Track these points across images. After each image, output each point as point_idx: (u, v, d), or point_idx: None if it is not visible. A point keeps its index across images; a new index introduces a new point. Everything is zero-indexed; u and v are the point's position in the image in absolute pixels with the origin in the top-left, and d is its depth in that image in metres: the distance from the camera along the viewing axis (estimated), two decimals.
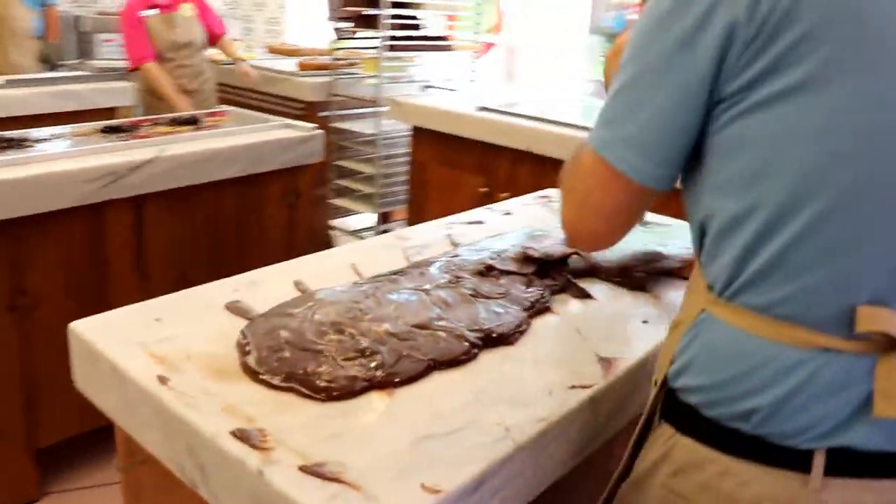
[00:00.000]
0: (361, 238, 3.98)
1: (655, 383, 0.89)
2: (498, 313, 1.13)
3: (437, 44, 3.74)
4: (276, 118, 2.51)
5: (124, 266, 2.05)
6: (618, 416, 1.06)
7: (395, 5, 3.42)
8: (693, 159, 0.81)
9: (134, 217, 2.05)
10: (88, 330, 1.06)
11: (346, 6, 3.58)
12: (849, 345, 0.72)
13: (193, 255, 2.21)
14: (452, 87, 3.90)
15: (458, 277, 1.26)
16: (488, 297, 1.18)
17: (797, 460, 0.75)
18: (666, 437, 0.85)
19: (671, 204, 1.18)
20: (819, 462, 0.74)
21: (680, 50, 0.75)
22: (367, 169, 3.65)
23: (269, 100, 3.76)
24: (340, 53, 3.61)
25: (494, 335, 1.07)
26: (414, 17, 3.59)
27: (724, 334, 0.78)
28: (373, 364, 0.97)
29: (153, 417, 0.93)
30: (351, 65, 3.75)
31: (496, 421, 0.90)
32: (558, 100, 3.50)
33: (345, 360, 0.98)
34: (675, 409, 0.84)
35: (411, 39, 3.59)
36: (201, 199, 2.18)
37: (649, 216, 1.66)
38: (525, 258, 1.34)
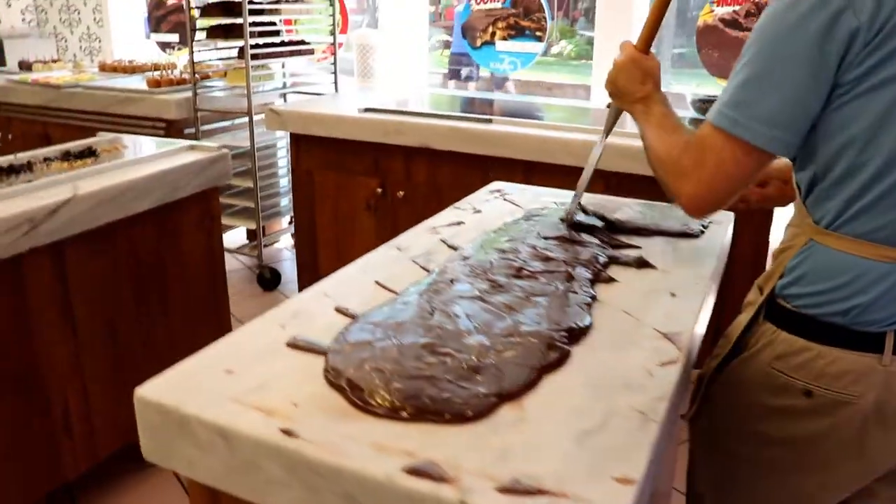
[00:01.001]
0: (245, 255, 3.84)
1: (761, 292, 1.19)
2: (566, 310, 1.17)
3: (297, 48, 3.65)
4: (177, 141, 2.36)
5: (51, 317, 1.87)
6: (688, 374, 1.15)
7: (253, 13, 3.30)
8: (810, 129, 1.05)
9: (55, 263, 1.86)
10: (164, 394, 0.98)
11: (170, 19, 3.40)
12: None
13: (119, 296, 2.05)
14: (317, 91, 3.84)
15: (493, 281, 1.29)
16: (546, 295, 1.22)
17: (874, 343, 1.06)
18: (770, 332, 1.16)
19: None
20: (890, 342, 1.06)
21: (811, 49, 0.97)
22: (242, 183, 3.51)
23: (124, 121, 3.50)
24: (199, 66, 3.43)
25: (576, 331, 1.11)
26: (273, 24, 3.49)
27: (831, 255, 1.07)
28: (491, 379, 0.98)
29: (286, 475, 0.88)
30: (206, 77, 3.57)
31: (628, 406, 0.95)
32: (430, 93, 3.57)
33: (461, 379, 0.98)
34: (776, 312, 1.15)
35: (272, 46, 3.49)
36: (121, 236, 2.02)
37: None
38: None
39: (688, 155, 1.11)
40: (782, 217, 1.34)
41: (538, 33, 4.12)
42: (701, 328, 1.29)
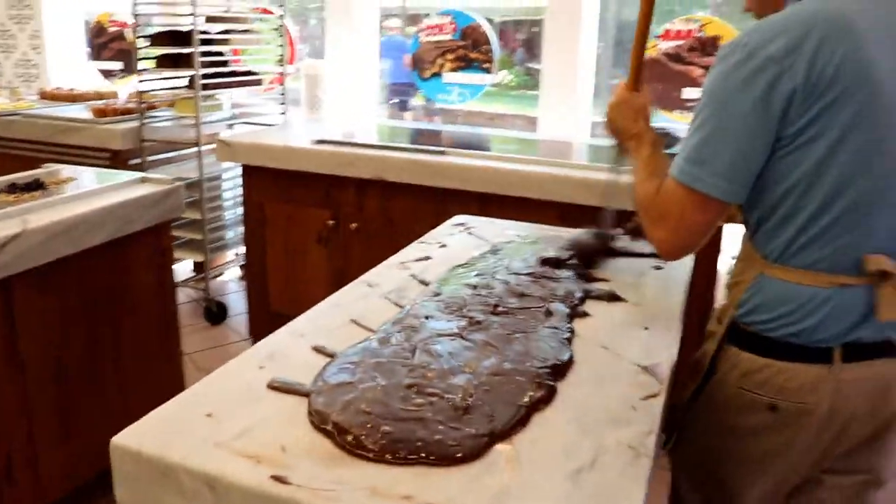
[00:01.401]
0: (191, 288, 3.75)
1: (719, 322, 1.29)
2: (548, 346, 1.18)
3: (246, 79, 3.62)
4: (127, 173, 2.30)
5: None
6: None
7: (203, 42, 3.26)
8: (757, 177, 1.17)
9: (2, 300, 1.78)
10: (145, 441, 0.95)
11: (112, 46, 3.35)
12: (858, 280, 1.15)
13: (68, 333, 1.97)
14: (265, 122, 3.80)
15: (470, 318, 1.29)
16: (525, 332, 1.23)
17: (825, 355, 1.19)
18: (734, 355, 1.26)
19: None
20: (838, 353, 1.18)
21: (757, 109, 1.10)
22: (190, 214, 3.44)
23: (66, 151, 3.39)
24: (145, 96, 3.35)
25: (560, 367, 1.12)
26: (221, 54, 3.45)
27: (779, 286, 1.20)
28: (482, 419, 0.98)
29: None
30: (152, 107, 3.50)
31: (617, 442, 0.96)
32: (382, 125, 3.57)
33: (451, 420, 0.97)
34: (738, 336, 1.26)
35: (222, 76, 3.45)
36: (72, 271, 1.95)
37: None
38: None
39: (657, 205, 1.24)
40: (729, 250, 1.41)
41: (486, 65, 4.18)
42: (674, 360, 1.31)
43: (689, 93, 3.43)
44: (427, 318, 1.30)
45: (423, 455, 0.91)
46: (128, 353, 2.18)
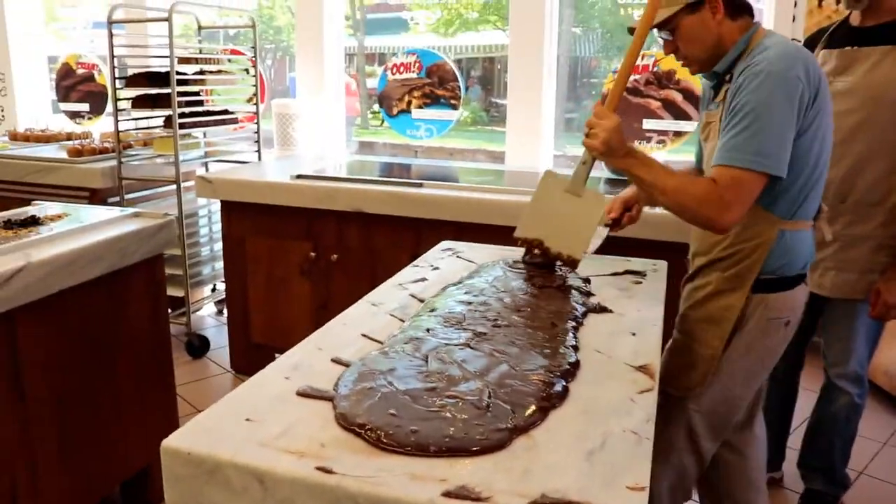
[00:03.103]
0: (174, 322, 3.77)
1: (739, 280, 1.67)
2: (557, 353, 1.30)
3: (222, 118, 3.71)
4: (118, 209, 2.36)
5: (0, 390, 1.82)
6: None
7: (179, 83, 3.35)
8: None
9: (6, 333, 1.83)
10: (193, 443, 1.03)
11: (80, 88, 3.42)
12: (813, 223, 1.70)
13: (69, 365, 2.02)
14: (241, 160, 3.89)
15: (473, 330, 1.40)
16: (531, 342, 1.34)
17: (804, 278, 1.72)
18: (760, 299, 1.68)
19: None
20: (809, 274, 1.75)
21: (792, 112, 1.53)
22: (171, 250, 3.48)
23: (42, 191, 3.43)
24: (122, 135, 3.42)
25: (570, 370, 1.23)
26: (197, 94, 3.54)
27: (791, 235, 1.65)
28: (504, 416, 1.08)
29: None
30: (128, 146, 3.56)
31: (622, 429, 1.08)
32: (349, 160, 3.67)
33: (476, 418, 1.07)
34: (763, 284, 1.67)
35: (198, 115, 3.53)
36: (72, 304, 2.00)
37: None
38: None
39: (729, 191, 1.52)
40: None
41: (453, 101, 4.34)
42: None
43: (648, 124, 3.62)
44: (428, 330, 1.40)
45: (452, 448, 1.01)
46: (125, 382, 2.22)
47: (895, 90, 1.99)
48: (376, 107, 4.61)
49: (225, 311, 3.71)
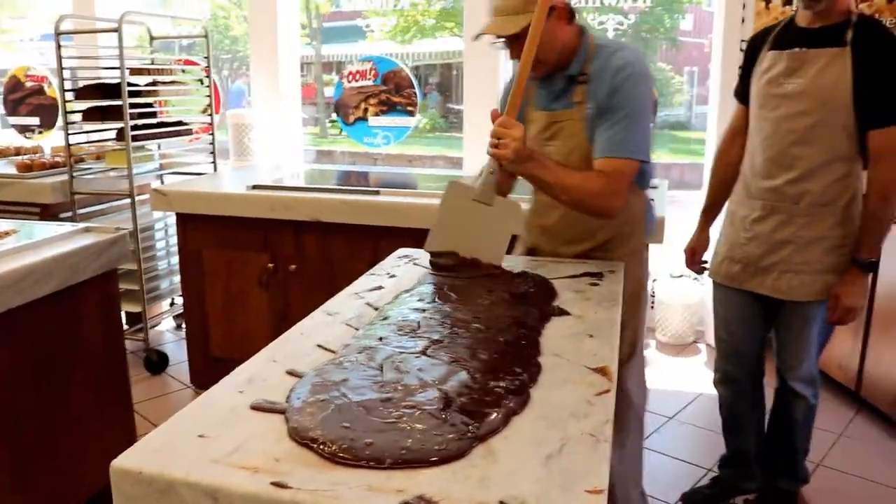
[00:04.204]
0: (129, 339, 3.69)
1: (639, 251, 2.07)
2: (518, 358, 1.29)
3: (176, 129, 3.65)
4: (71, 224, 2.31)
5: None
6: None
7: (131, 94, 3.29)
8: None
9: None
10: (145, 462, 1.00)
11: (29, 101, 3.35)
12: None
13: (22, 386, 1.97)
14: (196, 171, 3.83)
15: (429, 338, 1.39)
16: (490, 348, 1.34)
17: None
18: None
19: None
20: None
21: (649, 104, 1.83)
22: (126, 265, 3.42)
23: None
24: (73, 149, 3.35)
25: (526, 378, 1.23)
26: (150, 105, 3.48)
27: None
28: (462, 426, 1.07)
29: None
30: (80, 160, 3.49)
31: (580, 432, 1.08)
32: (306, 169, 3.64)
33: (432, 429, 1.06)
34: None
35: (151, 127, 3.48)
36: (22, 323, 1.95)
37: None
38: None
39: (616, 181, 1.76)
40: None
41: (409, 108, 4.34)
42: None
43: None
44: (381, 339, 1.39)
45: (409, 460, 1.00)
46: (80, 401, 2.17)
47: (845, 92, 2.00)
48: (334, 115, 4.58)
49: (184, 325, 3.65)
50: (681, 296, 4.02)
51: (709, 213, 2.52)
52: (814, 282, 2.14)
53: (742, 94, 2.31)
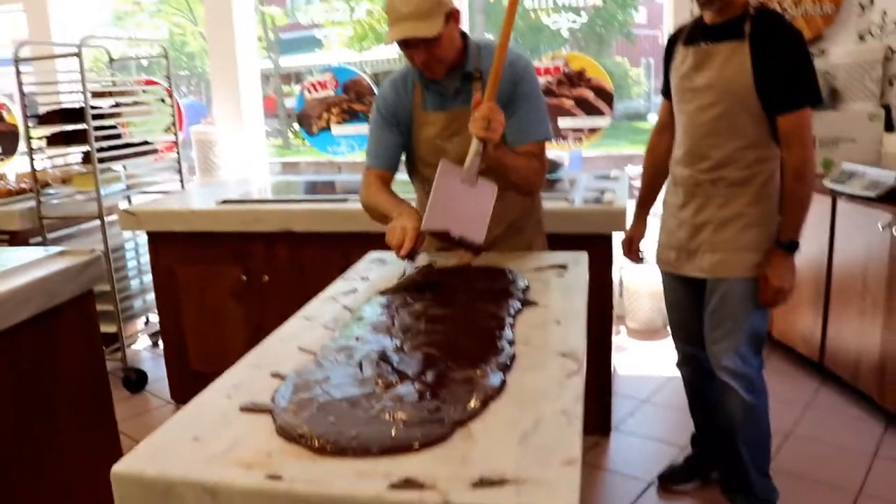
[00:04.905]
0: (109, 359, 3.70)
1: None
2: (493, 348, 1.36)
3: (141, 149, 3.67)
4: (42, 248, 2.33)
5: None
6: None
7: (95, 118, 3.31)
8: None
9: None
10: (144, 465, 1.05)
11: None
12: None
13: (4, 413, 1.98)
14: (163, 190, 3.85)
15: (404, 335, 1.46)
16: (467, 340, 1.41)
17: None
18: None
19: None
20: None
21: None
22: (99, 286, 3.43)
23: None
24: (39, 174, 3.35)
25: (506, 364, 1.30)
26: (114, 127, 3.50)
27: None
28: (446, 413, 1.14)
29: None
30: (46, 185, 3.50)
31: (553, 411, 1.15)
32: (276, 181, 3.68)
33: (414, 418, 1.13)
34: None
35: (117, 148, 3.50)
36: (3, 349, 1.97)
37: None
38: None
39: (544, 161, 2.06)
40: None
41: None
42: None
43: (564, 122, 3.75)
44: (358, 339, 1.45)
45: (397, 451, 1.06)
46: (63, 424, 2.19)
47: (747, 83, 2.08)
48: (297, 126, 4.63)
49: (160, 342, 3.67)
50: (648, 284, 4.13)
51: (643, 205, 2.62)
52: (731, 259, 2.21)
53: (665, 89, 2.42)
